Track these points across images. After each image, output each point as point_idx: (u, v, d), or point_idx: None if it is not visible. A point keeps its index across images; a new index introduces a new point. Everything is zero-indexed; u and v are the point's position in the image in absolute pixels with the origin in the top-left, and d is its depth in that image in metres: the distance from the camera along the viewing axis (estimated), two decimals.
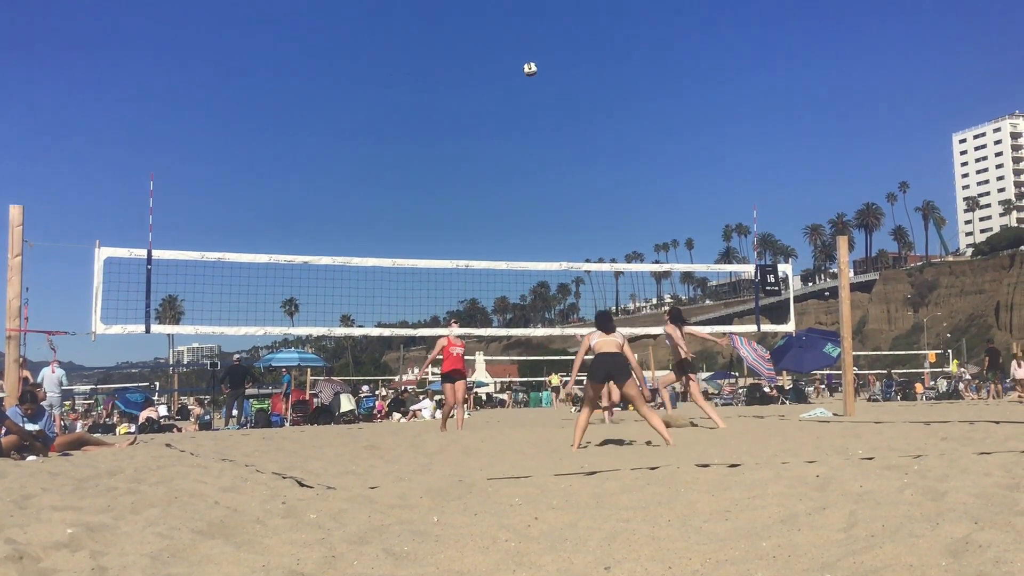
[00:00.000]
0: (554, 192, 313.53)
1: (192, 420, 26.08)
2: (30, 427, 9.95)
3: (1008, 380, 38.23)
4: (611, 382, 9.47)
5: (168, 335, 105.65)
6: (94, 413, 33.60)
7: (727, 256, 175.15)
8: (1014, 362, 27.81)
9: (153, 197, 12.72)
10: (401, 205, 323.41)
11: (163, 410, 28.84)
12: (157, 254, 12.24)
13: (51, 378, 15.86)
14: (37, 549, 3.56)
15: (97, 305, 11.79)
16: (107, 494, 5.51)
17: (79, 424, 25.19)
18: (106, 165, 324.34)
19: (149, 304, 12.25)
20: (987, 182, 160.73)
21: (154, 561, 3.30)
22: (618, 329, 9.19)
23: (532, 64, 11.62)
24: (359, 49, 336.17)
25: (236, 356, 26.66)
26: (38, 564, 3.33)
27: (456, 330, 14.01)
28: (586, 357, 9.12)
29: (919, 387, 37.71)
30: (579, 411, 9.53)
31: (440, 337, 13.53)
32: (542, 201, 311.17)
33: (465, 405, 14.15)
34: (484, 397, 49.22)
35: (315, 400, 25.40)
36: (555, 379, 48.28)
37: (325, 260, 13.34)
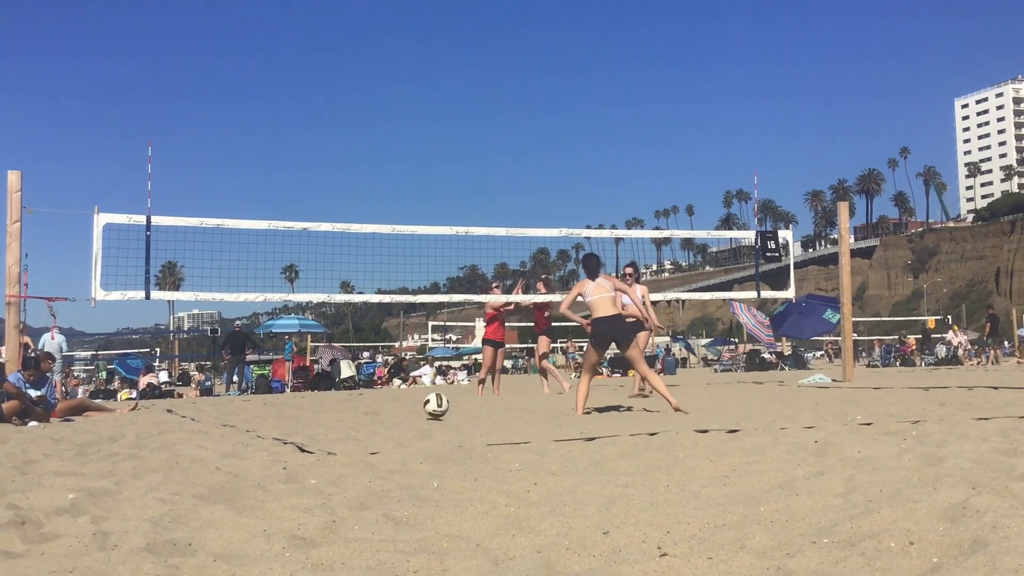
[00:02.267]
0: (554, 158, 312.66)
1: (193, 386, 26.21)
2: (32, 393, 9.98)
3: (1008, 346, 38.40)
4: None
5: (168, 301, 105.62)
6: (95, 379, 33.69)
7: (727, 222, 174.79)
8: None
9: (152, 163, 12.65)
10: (403, 172, 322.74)
11: (164, 376, 28.96)
12: (156, 220, 12.20)
13: (51, 344, 15.90)
14: (39, 514, 3.58)
15: (97, 271, 11.77)
16: (109, 460, 5.53)
17: (80, 390, 25.28)
18: (104, 130, 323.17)
19: (149, 270, 12.23)
20: (989, 147, 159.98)
21: (155, 526, 3.32)
22: (604, 275, 8.82)
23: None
24: (362, 11, 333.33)
25: (237, 322, 26.74)
26: (40, 529, 3.35)
27: (499, 297, 14.32)
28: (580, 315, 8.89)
29: (912, 341, 37.88)
30: (578, 378, 9.44)
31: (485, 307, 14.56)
32: (542, 167, 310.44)
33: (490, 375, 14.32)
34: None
35: (315, 366, 25.49)
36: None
37: (325, 226, 13.29)
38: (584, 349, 9.62)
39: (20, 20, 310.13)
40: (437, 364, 35.87)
